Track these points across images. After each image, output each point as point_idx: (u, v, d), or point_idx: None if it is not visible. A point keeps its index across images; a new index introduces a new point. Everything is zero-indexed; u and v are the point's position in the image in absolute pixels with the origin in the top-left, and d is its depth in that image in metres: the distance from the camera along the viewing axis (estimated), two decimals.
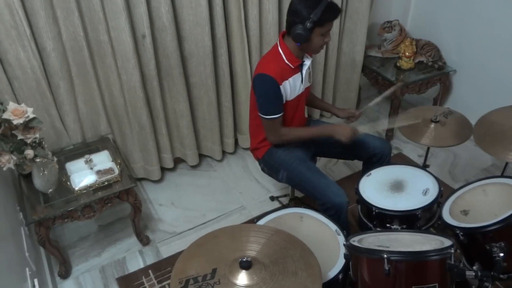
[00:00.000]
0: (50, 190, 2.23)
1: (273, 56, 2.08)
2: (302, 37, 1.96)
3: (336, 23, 3.07)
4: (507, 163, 2.31)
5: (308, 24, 1.91)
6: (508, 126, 2.04)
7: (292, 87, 2.11)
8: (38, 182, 2.17)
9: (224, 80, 2.85)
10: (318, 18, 1.90)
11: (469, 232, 1.78)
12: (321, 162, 3.08)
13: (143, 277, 2.37)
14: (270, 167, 2.32)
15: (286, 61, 2.06)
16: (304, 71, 2.14)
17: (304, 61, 2.13)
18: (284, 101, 2.11)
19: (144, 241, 2.56)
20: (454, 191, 2.03)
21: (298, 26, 1.94)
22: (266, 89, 2.05)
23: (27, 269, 1.95)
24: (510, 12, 2.81)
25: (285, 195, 2.82)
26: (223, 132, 3.11)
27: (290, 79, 2.09)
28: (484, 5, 2.96)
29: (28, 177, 2.24)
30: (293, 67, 2.08)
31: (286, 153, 2.23)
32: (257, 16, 2.70)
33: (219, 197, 2.92)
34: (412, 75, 3.20)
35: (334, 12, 1.96)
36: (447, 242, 1.55)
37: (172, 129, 2.92)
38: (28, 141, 1.96)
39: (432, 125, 2.24)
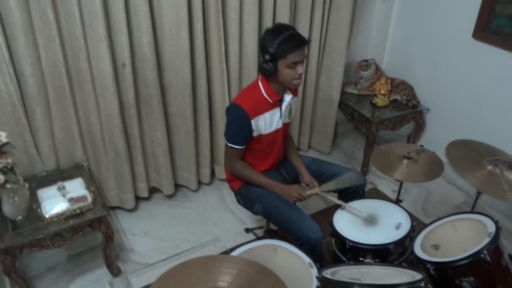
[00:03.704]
0: (20, 217, 2.16)
1: (252, 90, 2.11)
2: (265, 70, 1.98)
3: (314, 60, 3.16)
4: (476, 199, 2.36)
5: (267, 56, 1.93)
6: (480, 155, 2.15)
7: (267, 122, 2.13)
8: (7, 208, 2.11)
9: (203, 111, 2.87)
10: (275, 50, 1.92)
11: (440, 267, 1.80)
12: None
13: None
14: (246, 200, 2.31)
15: (265, 95, 2.08)
16: (283, 107, 2.16)
17: (283, 97, 2.16)
18: (257, 135, 2.13)
19: (115, 272, 2.49)
20: (425, 226, 2.07)
21: (262, 59, 1.98)
22: (235, 119, 2.07)
23: None
24: (480, 54, 2.94)
25: (260, 227, 2.81)
26: (200, 162, 3.11)
27: (266, 114, 2.11)
28: (457, 47, 3.09)
29: None
30: (271, 101, 2.10)
31: None
32: (237, 50, 2.76)
33: (194, 228, 2.88)
34: (387, 112, 3.29)
35: (293, 43, 1.92)
36: (418, 276, 1.57)
37: (148, 158, 2.91)
38: None
39: (405, 161, 2.29)
